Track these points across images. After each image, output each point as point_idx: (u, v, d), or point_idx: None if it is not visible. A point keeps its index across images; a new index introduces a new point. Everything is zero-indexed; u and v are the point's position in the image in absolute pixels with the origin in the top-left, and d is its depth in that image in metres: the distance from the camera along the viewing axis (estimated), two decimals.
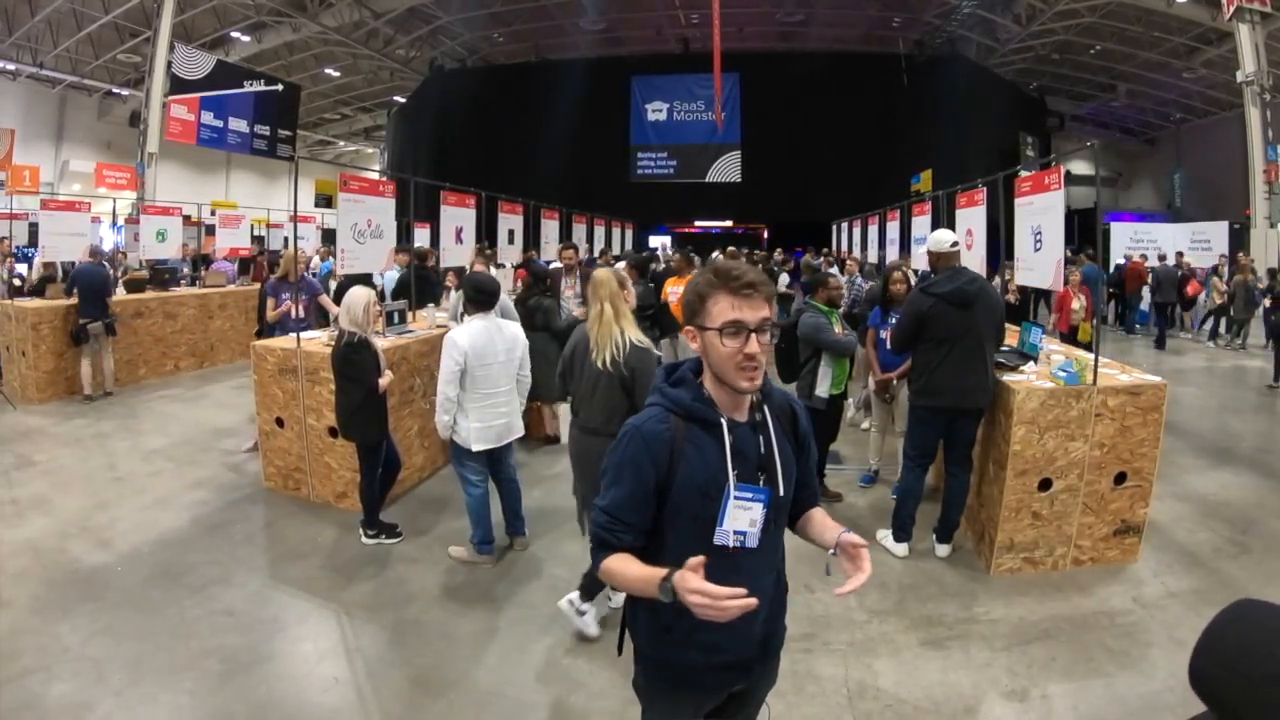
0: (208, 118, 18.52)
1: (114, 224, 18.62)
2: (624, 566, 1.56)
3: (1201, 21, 17.49)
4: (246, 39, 20.83)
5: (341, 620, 3.64)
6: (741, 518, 1.56)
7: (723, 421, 1.58)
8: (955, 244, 4.40)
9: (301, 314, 5.93)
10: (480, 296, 4.13)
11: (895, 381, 5.21)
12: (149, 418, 7.11)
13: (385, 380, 4.33)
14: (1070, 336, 8.75)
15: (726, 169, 24.18)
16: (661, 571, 1.45)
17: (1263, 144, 13.27)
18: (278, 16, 20.05)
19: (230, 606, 3.71)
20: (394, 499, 4.84)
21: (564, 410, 6.70)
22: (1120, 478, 4.09)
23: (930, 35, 22.27)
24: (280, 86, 21.00)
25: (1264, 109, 13.09)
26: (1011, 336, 4.97)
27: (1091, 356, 4.21)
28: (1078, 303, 9.20)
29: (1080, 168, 21.57)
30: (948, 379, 4.06)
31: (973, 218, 6.19)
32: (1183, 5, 17.40)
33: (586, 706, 2.98)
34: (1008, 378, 4.22)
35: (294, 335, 5.28)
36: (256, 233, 16.42)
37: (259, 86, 20.13)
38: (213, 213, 13.13)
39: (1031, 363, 4.54)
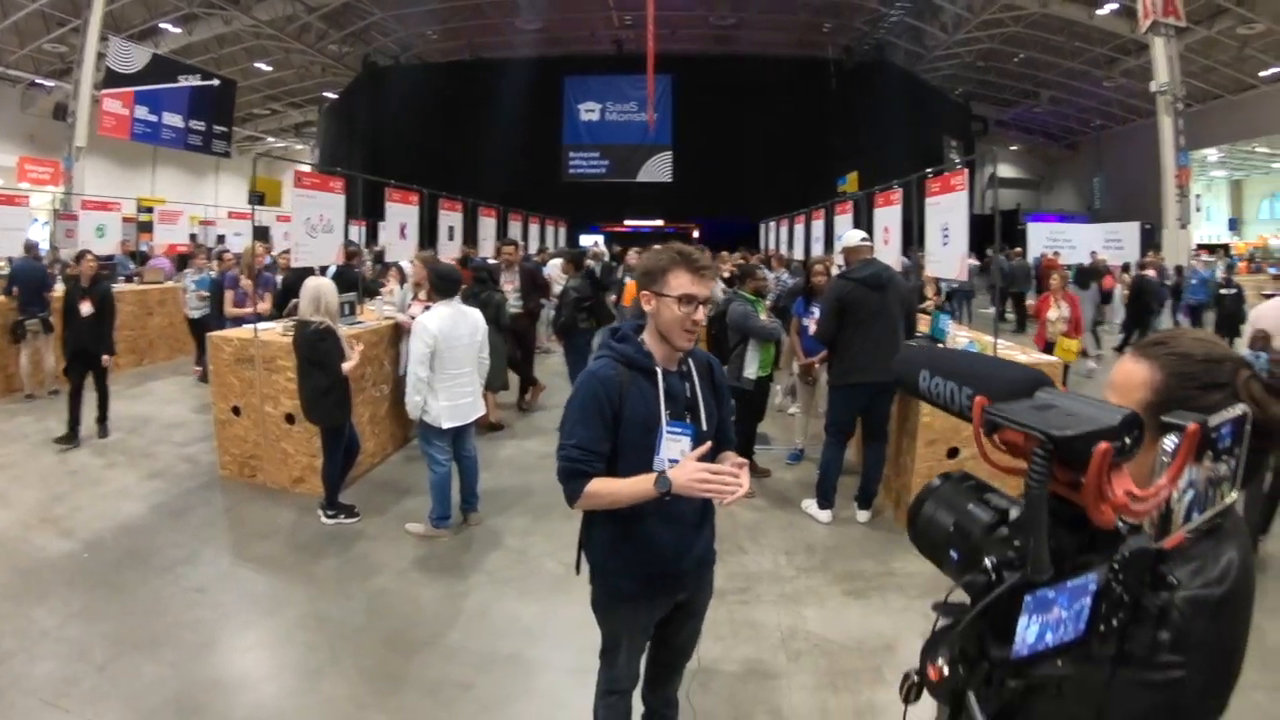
0: (142, 112, 17.98)
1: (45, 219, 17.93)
2: (609, 485, 1.93)
3: (1121, 33, 18.59)
4: (177, 30, 20.29)
5: (310, 592, 3.84)
6: (674, 448, 1.96)
7: (658, 370, 1.99)
8: (865, 239, 4.91)
9: (265, 308, 6.06)
10: (446, 284, 4.49)
11: (818, 366, 5.60)
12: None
13: (352, 363, 4.56)
14: (1048, 353, 6.87)
15: (658, 169, 24.65)
16: (652, 475, 1.83)
17: (1174, 150, 14.19)
18: (209, 8, 19.68)
19: (200, 584, 3.87)
20: (348, 483, 5.04)
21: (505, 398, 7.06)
22: None
23: (859, 41, 23.15)
24: (216, 81, 20.49)
25: (1176, 118, 14.02)
26: (923, 325, 5.47)
27: (991, 339, 4.70)
28: (1055, 312, 7.52)
29: (1006, 171, 22.71)
30: (867, 356, 4.51)
31: (889, 216, 6.72)
32: (1103, 18, 18.47)
33: (545, 656, 3.30)
34: None
35: (250, 326, 5.43)
36: (190, 230, 16.05)
37: (195, 81, 19.61)
38: (149, 210, 12.89)
39: (940, 345, 5.02)
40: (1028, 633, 0.70)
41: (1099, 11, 18.35)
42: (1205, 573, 0.92)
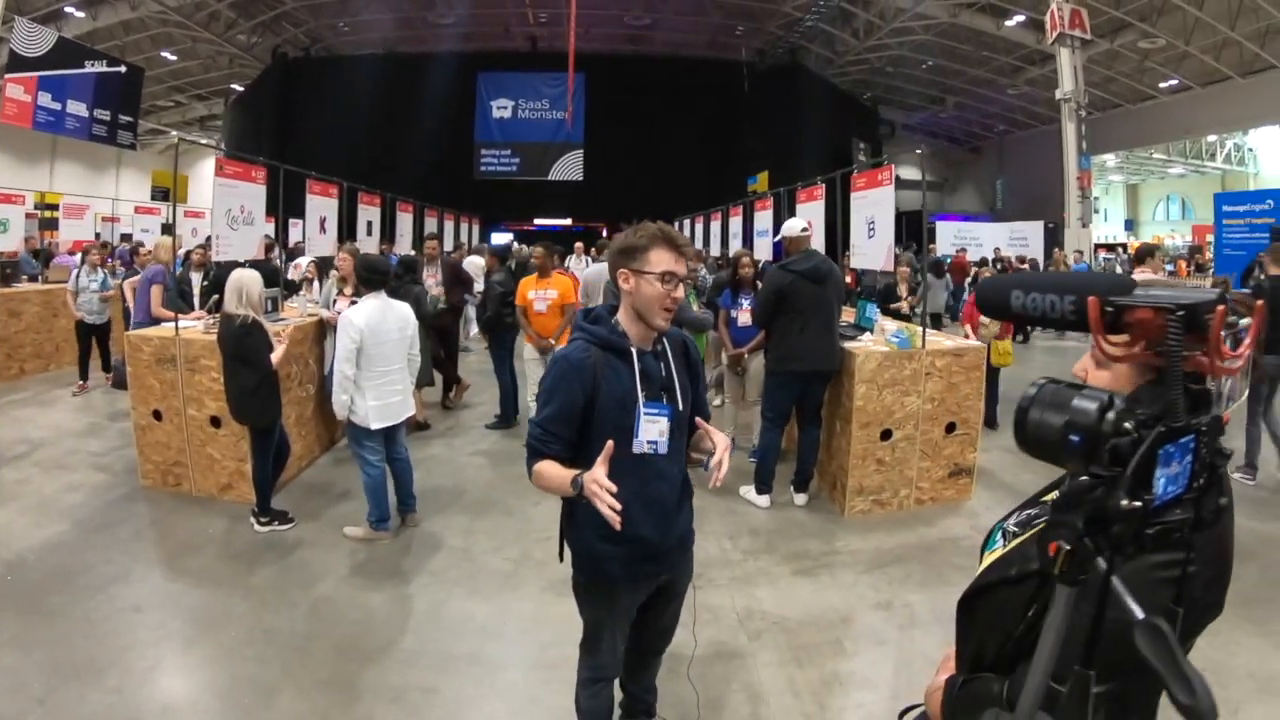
0: (45, 99, 16.54)
1: None
2: (549, 469, 1.93)
3: (1027, 44, 19.50)
4: (81, 14, 18.97)
5: (252, 604, 3.66)
6: (651, 429, 1.98)
7: (633, 351, 1.99)
8: (806, 229, 5.02)
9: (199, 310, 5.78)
10: (373, 276, 4.32)
11: (747, 355, 5.66)
12: (3, 424, 6.60)
13: (279, 352, 4.37)
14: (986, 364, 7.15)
15: (569, 168, 24.58)
16: (572, 473, 1.83)
17: (1076, 154, 15.09)
18: None
19: (136, 603, 3.64)
20: (277, 489, 4.82)
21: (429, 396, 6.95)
22: (950, 427, 4.84)
23: (772, 44, 23.54)
24: (123, 68, 19.21)
25: (1079, 124, 14.94)
26: (848, 314, 5.66)
27: (919, 327, 4.92)
28: None
29: (908, 173, 23.63)
30: (805, 346, 4.64)
31: (812, 211, 6.92)
32: (1010, 28, 19.35)
33: (506, 654, 3.26)
34: (849, 344, 4.88)
35: (170, 325, 5.14)
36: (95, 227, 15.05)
37: (101, 67, 18.32)
38: (53, 207, 12.00)
39: (868, 333, 5.24)
40: (1158, 485, 0.81)
41: (1007, 23, 19.23)
42: None
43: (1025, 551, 1.10)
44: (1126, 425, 0.80)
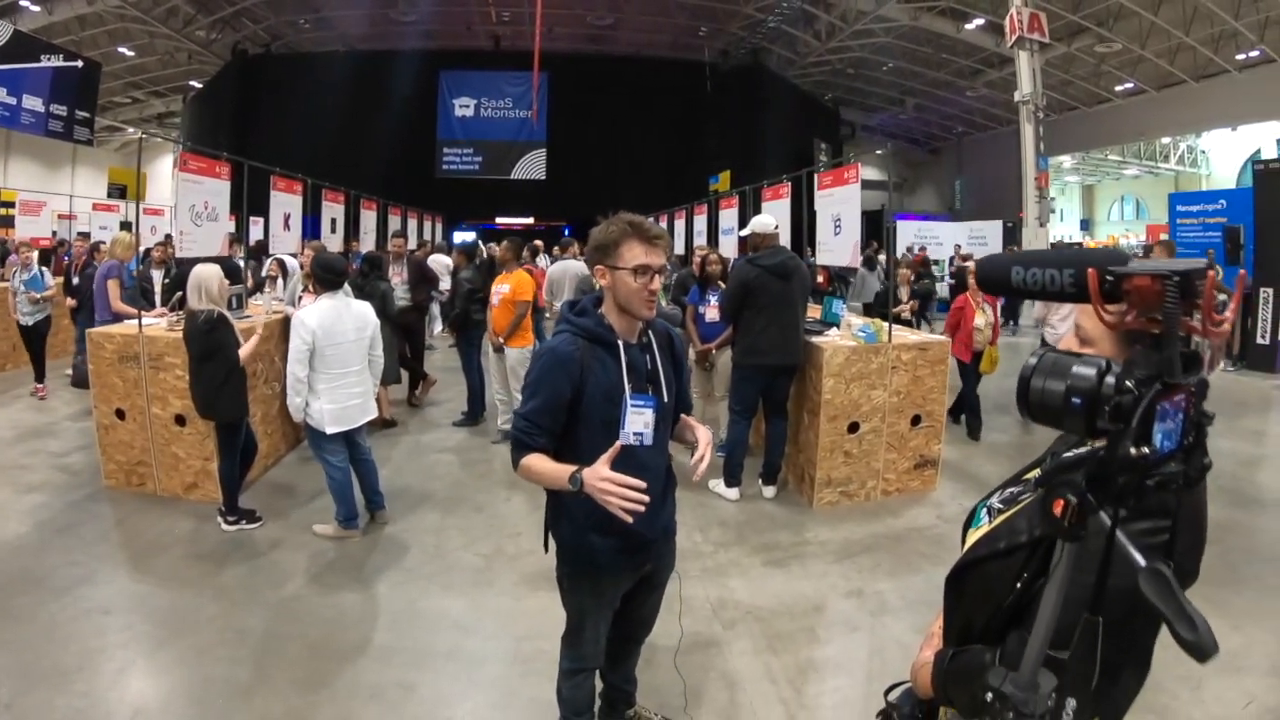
0: (0, 94, 16.08)
1: None
2: (539, 463, 1.95)
3: (986, 47, 19.87)
4: (36, 9, 18.39)
5: (223, 605, 3.60)
6: (638, 420, 2.00)
7: (619, 343, 2.01)
8: (776, 226, 5.10)
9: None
10: (329, 276, 4.25)
11: (715, 351, 5.71)
12: None
13: (249, 348, 4.32)
14: (971, 367, 6.35)
15: (531, 167, 24.51)
16: (571, 467, 1.85)
17: (1035, 155, 15.38)
18: None
19: (103, 605, 3.56)
20: (244, 487, 4.75)
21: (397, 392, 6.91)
22: (916, 419, 4.96)
23: (735, 45, 23.74)
24: (81, 63, 18.62)
25: (1037, 125, 15.25)
26: (814, 311, 5.76)
27: (886, 323, 5.02)
28: (981, 317, 6.29)
29: (869, 174, 23.99)
30: (771, 341, 4.72)
31: (778, 209, 7.04)
32: (970, 32, 19.71)
33: (483, 649, 3.26)
34: (816, 339, 4.98)
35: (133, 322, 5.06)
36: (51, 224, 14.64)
37: (58, 62, 17.74)
38: (11, 204, 11.59)
39: (834, 329, 5.34)
40: (1156, 438, 0.87)
41: (967, 26, 19.59)
42: None
43: (1014, 525, 1.15)
44: (1127, 384, 0.88)
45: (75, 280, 8.09)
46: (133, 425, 4.91)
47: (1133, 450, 0.87)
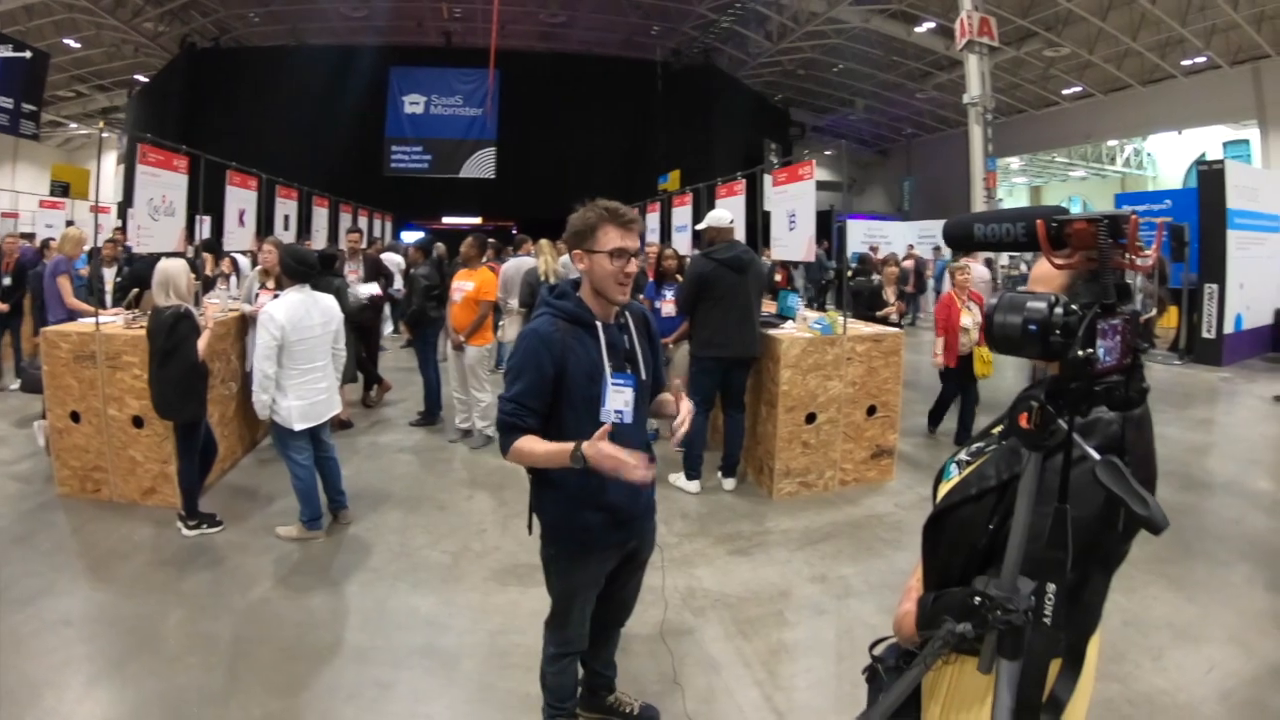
0: None
1: None
2: (533, 445, 2.01)
3: (936, 50, 20.25)
4: None
5: (189, 611, 3.53)
6: (618, 399, 2.09)
7: (598, 324, 2.09)
8: (732, 221, 5.21)
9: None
10: (301, 267, 4.21)
11: (672, 345, 5.73)
12: None
13: (203, 342, 4.26)
14: (961, 372, 6.07)
15: (480, 165, 24.22)
16: (570, 445, 1.92)
17: (983, 157, 15.83)
18: None
19: (65, 616, 3.46)
20: (204, 490, 4.69)
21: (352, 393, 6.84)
22: (871, 410, 5.13)
23: (687, 45, 23.87)
24: (29, 54, 17.75)
25: (985, 127, 15.70)
26: (769, 306, 5.88)
27: (841, 316, 5.17)
28: (969, 317, 5.97)
29: (819, 174, 24.29)
30: (727, 333, 4.83)
31: (732, 207, 7.13)
32: (921, 35, 20.09)
33: (458, 644, 3.27)
34: (772, 332, 5.10)
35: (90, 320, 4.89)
36: None
37: (7, 52, 16.88)
38: None
39: (790, 322, 5.46)
40: (1098, 351, 1.05)
41: (917, 29, 19.98)
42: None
43: (983, 472, 1.28)
44: (1073, 308, 1.06)
45: (6, 281, 7.78)
46: (88, 428, 4.77)
47: (1080, 352, 1.03)
